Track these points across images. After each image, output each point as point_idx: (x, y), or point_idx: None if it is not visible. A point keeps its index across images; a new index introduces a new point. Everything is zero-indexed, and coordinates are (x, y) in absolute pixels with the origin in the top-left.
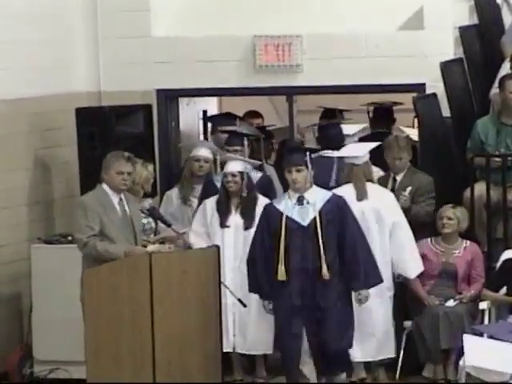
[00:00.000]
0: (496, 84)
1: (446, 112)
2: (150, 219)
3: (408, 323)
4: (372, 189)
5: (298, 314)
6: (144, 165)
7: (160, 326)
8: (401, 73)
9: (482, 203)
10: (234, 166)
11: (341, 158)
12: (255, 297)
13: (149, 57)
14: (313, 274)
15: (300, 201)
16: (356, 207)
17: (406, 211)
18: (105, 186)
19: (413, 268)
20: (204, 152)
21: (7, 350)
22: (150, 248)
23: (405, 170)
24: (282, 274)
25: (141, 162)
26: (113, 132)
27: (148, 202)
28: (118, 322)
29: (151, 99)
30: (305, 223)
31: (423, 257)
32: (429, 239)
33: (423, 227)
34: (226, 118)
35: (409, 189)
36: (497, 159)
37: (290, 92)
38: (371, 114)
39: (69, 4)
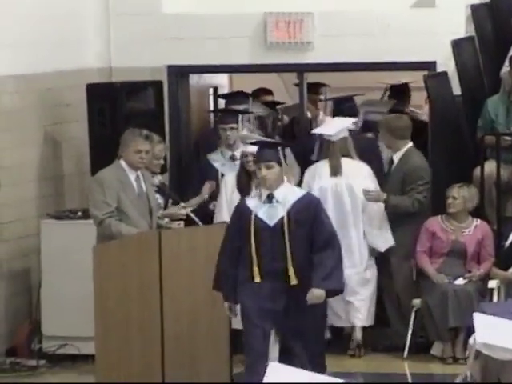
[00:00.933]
0: (507, 63)
1: (456, 90)
2: (158, 195)
3: (416, 301)
4: (348, 164)
5: (268, 318)
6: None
7: (169, 301)
8: (412, 51)
9: (492, 182)
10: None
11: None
12: None
13: (160, 33)
14: (282, 277)
15: (269, 199)
16: (330, 182)
17: (387, 204)
18: (122, 163)
19: (382, 242)
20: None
21: (16, 325)
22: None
23: (403, 149)
24: (256, 276)
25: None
26: (123, 108)
27: (158, 179)
28: (126, 298)
29: (162, 75)
30: (271, 223)
31: (433, 234)
32: (439, 217)
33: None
34: (238, 96)
35: (372, 186)
36: (507, 138)
37: (301, 69)
38: (388, 93)
39: None
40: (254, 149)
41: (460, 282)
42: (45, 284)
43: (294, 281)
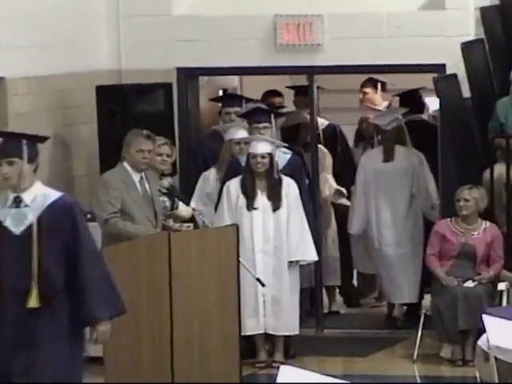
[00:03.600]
0: None
1: (466, 93)
2: (165, 198)
3: (426, 303)
4: (400, 151)
5: (9, 345)
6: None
7: (178, 303)
8: (421, 53)
9: (502, 184)
10: (263, 147)
11: None
12: (287, 277)
13: (170, 35)
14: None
15: (16, 202)
16: (383, 167)
17: None
18: (126, 165)
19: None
20: (242, 134)
21: None
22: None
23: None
24: None
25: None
26: (133, 110)
27: (167, 181)
28: (136, 300)
29: (172, 77)
30: (17, 231)
31: (443, 237)
32: (448, 220)
33: None
34: (232, 98)
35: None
36: None
37: (311, 71)
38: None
39: None
40: (263, 150)
41: (470, 284)
42: None
43: (34, 303)
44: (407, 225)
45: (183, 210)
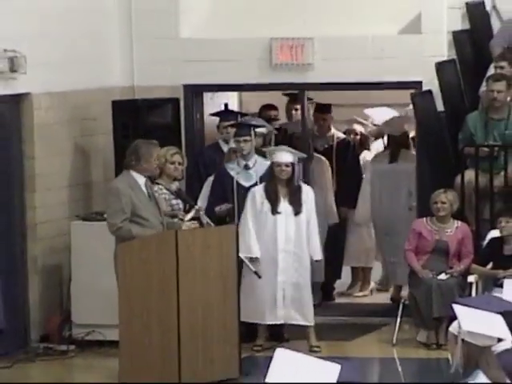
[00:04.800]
0: (484, 83)
1: (440, 107)
2: (179, 200)
3: (404, 294)
4: (405, 154)
5: None
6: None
7: (185, 294)
8: (401, 72)
9: (472, 188)
10: (286, 156)
11: None
12: (308, 274)
13: (177, 56)
14: None
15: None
16: (388, 168)
17: None
18: (132, 172)
19: None
20: (287, 157)
21: (49, 314)
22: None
23: None
24: None
25: (177, 150)
26: (144, 122)
27: (175, 185)
28: (147, 291)
29: (179, 93)
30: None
31: (419, 234)
32: (424, 219)
33: None
34: (228, 114)
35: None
36: (485, 149)
37: (303, 88)
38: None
39: (106, 6)
40: (287, 159)
41: (443, 276)
42: (74, 278)
43: None
44: (407, 215)
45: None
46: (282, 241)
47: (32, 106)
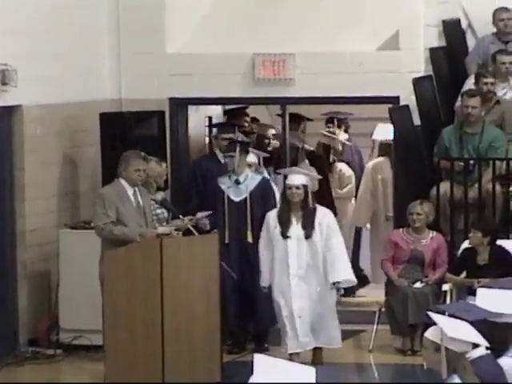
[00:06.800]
0: (460, 98)
1: (416, 121)
2: (164, 209)
3: (380, 301)
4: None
5: None
6: (159, 163)
7: (168, 299)
8: (379, 87)
9: (447, 199)
10: (298, 178)
11: None
12: (328, 297)
13: (163, 70)
14: None
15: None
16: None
17: None
18: (122, 181)
19: None
20: (299, 179)
21: (37, 319)
22: (160, 229)
23: None
24: None
25: (155, 159)
26: (131, 134)
27: (160, 195)
28: (132, 296)
29: (164, 106)
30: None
31: (395, 244)
32: (400, 230)
33: None
34: (227, 126)
35: None
36: (459, 163)
37: (284, 102)
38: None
39: (96, 23)
40: (298, 182)
41: (418, 285)
42: (62, 284)
43: None
44: None
45: (177, 220)
46: (294, 266)
47: (23, 117)
